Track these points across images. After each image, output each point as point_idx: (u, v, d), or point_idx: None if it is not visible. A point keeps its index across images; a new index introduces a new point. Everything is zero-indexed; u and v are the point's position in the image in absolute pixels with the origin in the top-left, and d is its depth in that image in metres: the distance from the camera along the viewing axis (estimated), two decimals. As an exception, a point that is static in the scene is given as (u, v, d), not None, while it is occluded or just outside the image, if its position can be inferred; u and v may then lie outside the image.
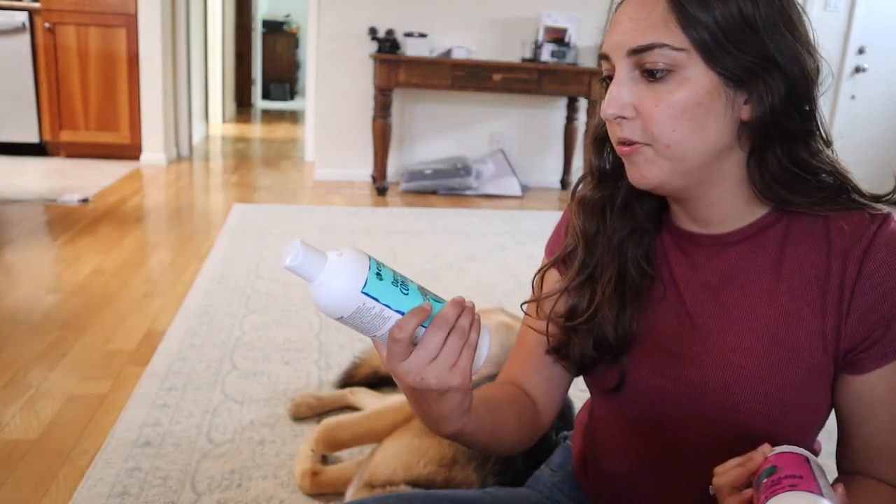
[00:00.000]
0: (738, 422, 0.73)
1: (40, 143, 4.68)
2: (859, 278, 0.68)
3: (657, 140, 0.69)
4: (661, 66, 0.67)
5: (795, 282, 0.71)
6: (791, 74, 0.69)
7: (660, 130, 0.68)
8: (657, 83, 0.68)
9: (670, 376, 0.76)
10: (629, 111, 0.69)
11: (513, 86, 4.27)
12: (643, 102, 0.68)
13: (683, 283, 0.78)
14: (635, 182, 0.73)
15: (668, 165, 0.70)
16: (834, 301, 0.69)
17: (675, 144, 0.69)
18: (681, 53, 0.66)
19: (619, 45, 0.69)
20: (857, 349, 0.69)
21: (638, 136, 0.70)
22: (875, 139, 5.13)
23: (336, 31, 4.50)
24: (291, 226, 3.46)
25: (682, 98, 0.67)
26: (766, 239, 0.73)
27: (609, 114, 0.70)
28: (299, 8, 9.36)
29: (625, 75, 0.69)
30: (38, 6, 4.43)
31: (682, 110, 0.68)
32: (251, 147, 6.22)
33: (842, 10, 4.91)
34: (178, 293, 2.45)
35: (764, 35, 0.67)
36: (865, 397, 0.71)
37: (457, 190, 4.54)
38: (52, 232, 3.12)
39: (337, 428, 1.44)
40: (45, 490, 1.38)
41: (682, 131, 0.68)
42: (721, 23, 0.66)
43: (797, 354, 0.70)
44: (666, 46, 0.66)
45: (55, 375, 1.83)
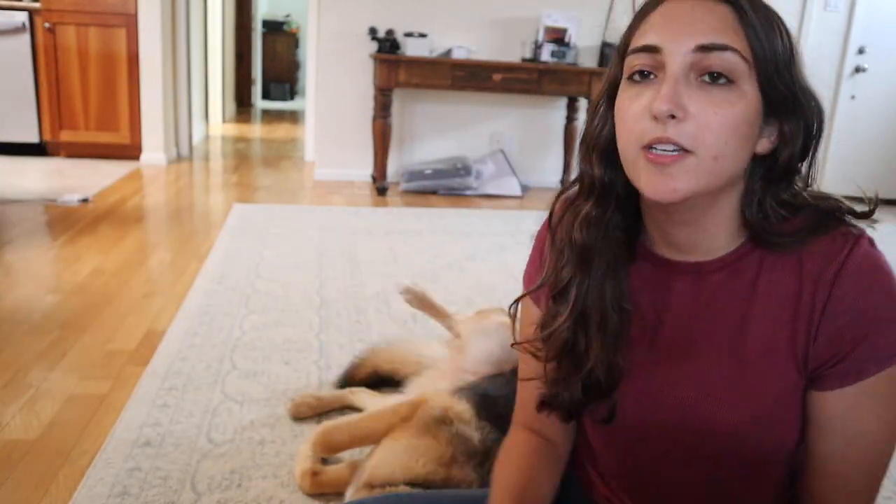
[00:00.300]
0: (718, 443, 0.74)
1: (40, 143, 4.68)
2: (829, 302, 0.68)
3: (707, 149, 0.65)
4: (725, 72, 0.65)
5: (769, 306, 0.72)
6: (810, 115, 0.70)
7: (713, 139, 0.65)
8: (717, 90, 0.65)
9: (655, 403, 0.77)
10: (682, 112, 0.65)
11: (513, 86, 4.27)
12: (701, 107, 0.65)
13: (663, 311, 0.77)
14: (659, 195, 0.67)
15: (705, 180, 0.67)
16: (804, 323, 0.70)
17: (722, 158, 0.66)
18: (744, 64, 0.65)
19: (684, 38, 0.66)
20: (821, 368, 0.70)
21: (685, 141, 0.65)
22: (875, 139, 5.13)
23: (336, 31, 4.50)
24: (291, 226, 3.46)
25: (741, 111, 0.66)
26: (744, 265, 0.73)
27: (664, 109, 0.64)
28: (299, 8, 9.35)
29: (681, 72, 0.66)
30: (38, 6, 4.43)
31: (737, 124, 0.66)
32: (251, 147, 6.22)
33: (842, 10, 4.91)
34: (178, 293, 2.45)
35: (797, 72, 0.68)
36: (824, 414, 0.71)
37: (457, 190, 4.54)
38: (52, 232, 3.13)
39: (334, 430, 1.44)
40: (45, 490, 1.38)
41: (732, 146, 0.66)
42: (777, 46, 0.67)
43: (772, 376, 0.71)
44: (737, 52, 0.65)
45: (55, 375, 1.83)
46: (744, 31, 0.66)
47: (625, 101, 0.70)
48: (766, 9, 0.69)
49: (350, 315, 2.35)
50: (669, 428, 0.76)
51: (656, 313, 0.78)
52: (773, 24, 0.68)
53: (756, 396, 0.71)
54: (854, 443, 0.70)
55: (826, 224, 0.71)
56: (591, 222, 0.75)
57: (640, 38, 0.69)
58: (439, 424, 1.27)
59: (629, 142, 0.69)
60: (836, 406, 0.70)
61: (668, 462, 0.79)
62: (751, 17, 0.66)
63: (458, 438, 1.25)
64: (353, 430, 1.43)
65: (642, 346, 0.78)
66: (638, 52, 0.68)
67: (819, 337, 0.69)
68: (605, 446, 0.86)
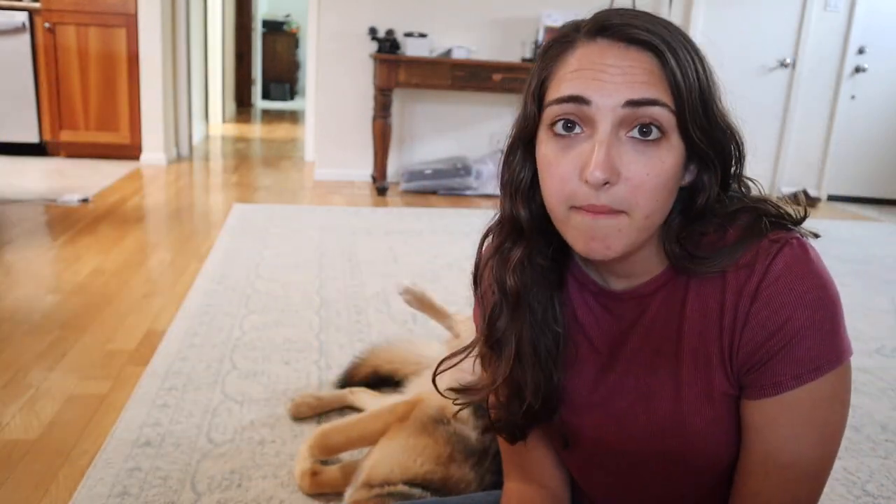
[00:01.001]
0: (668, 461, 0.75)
1: (40, 143, 4.68)
2: (749, 314, 0.66)
3: (640, 210, 0.64)
4: (656, 125, 0.63)
5: (697, 322, 0.71)
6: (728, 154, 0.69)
7: (646, 201, 0.64)
8: (647, 147, 0.63)
9: (604, 429, 0.77)
10: (616, 176, 0.63)
11: (513, 86, 4.27)
12: (634, 169, 0.63)
13: (600, 336, 0.77)
14: (593, 253, 0.66)
15: (636, 236, 0.66)
16: (728, 335, 0.68)
17: (653, 214, 0.65)
18: (671, 115, 0.64)
19: (614, 92, 0.62)
20: (744, 377, 0.69)
21: (618, 205, 0.63)
22: (875, 139, 5.12)
23: (336, 31, 4.50)
24: (291, 226, 3.46)
25: (670, 166, 0.64)
26: (675, 286, 0.72)
27: (599, 178, 0.61)
28: (299, 8, 9.36)
29: (611, 133, 0.63)
30: (38, 6, 4.43)
31: (667, 180, 0.65)
32: (251, 147, 6.22)
33: (842, 10, 4.91)
34: (178, 293, 2.45)
35: (716, 109, 0.66)
36: (746, 424, 0.70)
37: (457, 190, 4.54)
38: (52, 232, 3.13)
39: (330, 433, 1.44)
40: (45, 490, 1.38)
41: (662, 201, 0.65)
42: (699, 86, 0.65)
43: (707, 393, 0.71)
44: (666, 106, 0.63)
45: (55, 375, 1.83)
46: (667, 80, 0.63)
47: (549, 156, 0.66)
48: (685, 45, 0.65)
49: (350, 315, 2.35)
50: (625, 449, 0.77)
51: (601, 339, 0.77)
52: (693, 62, 0.65)
53: (695, 413, 0.71)
54: (773, 459, 0.67)
55: (753, 235, 0.68)
56: (524, 264, 0.74)
57: (560, 83, 0.66)
58: (436, 423, 1.28)
59: (558, 201, 0.66)
60: (756, 417, 0.68)
61: (630, 479, 0.80)
62: (672, 66, 0.63)
63: (456, 437, 1.25)
64: (350, 431, 1.43)
65: (582, 371, 0.78)
66: (563, 101, 0.64)
67: (741, 348, 0.67)
68: (575, 469, 0.88)
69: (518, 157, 0.73)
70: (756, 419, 0.68)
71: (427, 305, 1.85)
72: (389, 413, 1.37)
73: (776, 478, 0.68)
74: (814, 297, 0.64)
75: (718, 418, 0.71)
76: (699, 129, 0.65)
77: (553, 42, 0.69)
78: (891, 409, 1.90)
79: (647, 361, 0.74)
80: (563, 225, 0.68)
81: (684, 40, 0.66)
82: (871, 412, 1.87)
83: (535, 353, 0.75)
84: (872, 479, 1.57)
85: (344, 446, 1.45)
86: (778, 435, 0.67)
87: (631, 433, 0.75)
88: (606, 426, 0.77)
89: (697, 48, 0.67)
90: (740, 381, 0.69)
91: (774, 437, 0.67)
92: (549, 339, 0.75)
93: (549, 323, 0.75)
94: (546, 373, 0.76)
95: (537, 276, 0.74)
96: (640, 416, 0.74)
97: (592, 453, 0.81)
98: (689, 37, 0.67)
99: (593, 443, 0.79)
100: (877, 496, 1.50)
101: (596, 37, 0.65)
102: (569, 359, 0.78)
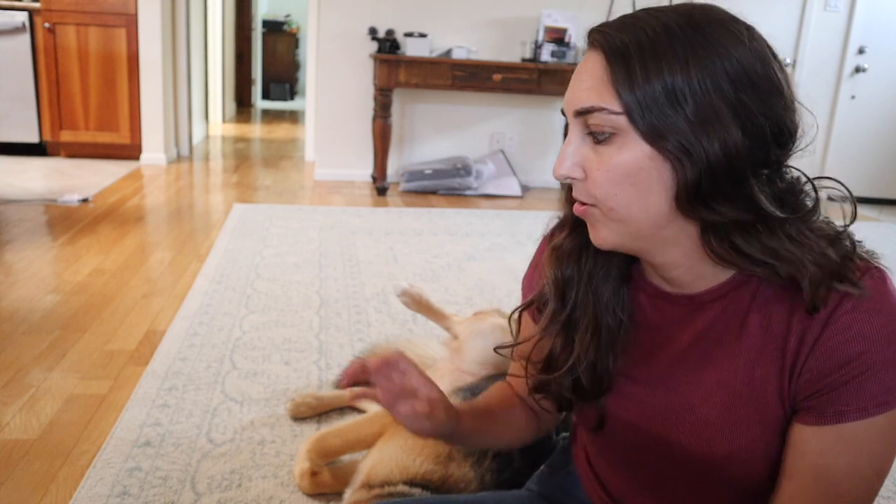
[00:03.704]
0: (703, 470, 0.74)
1: (40, 143, 4.68)
2: (818, 341, 0.65)
3: (600, 202, 0.69)
4: (604, 129, 0.66)
5: (759, 335, 0.70)
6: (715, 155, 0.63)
7: (601, 193, 0.68)
8: (601, 146, 0.67)
9: (647, 424, 0.78)
10: (578, 172, 0.70)
11: (513, 86, 4.27)
12: (588, 164, 0.69)
13: (660, 337, 0.78)
14: (594, 242, 0.73)
15: (617, 228, 0.70)
16: (791, 358, 0.68)
17: (617, 208, 0.68)
18: (619, 117, 0.65)
19: (568, 105, 0.70)
20: (802, 402, 0.68)
21: (584, 198, 0.70)
22: (875, 139, 5.12)
23: (336, 31, 4.50)
24: (291, 226, 3.46)
25: (622, 162, 0.66)
26: (739, 297, 0.72)
27: (559, 174, 0.70)
28: (299, 8, 9.36)
29: (576, 135, 0.70)
30: (38, 6, 4.43)
31: (622, 175, 0.67)
32: (251, 147, 6.22)
33: (842, 10, 4.91)
34: (178, 293, 2.45)
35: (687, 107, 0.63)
36: (797, 448, 0.68)
37: (457, 190, 4.54)
38: (52, 232, 3.13)
39: (328, 436, 1.44)
40: (45, 490, 1.38)
41: (626, 196, 0.67)
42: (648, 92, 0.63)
43: (761, 407, 0.70)
44: (605, 110, 0.66)
45: (55, 375, 1.83)
46: (611, 83, 0.65)
47: None
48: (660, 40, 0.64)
49: (350, 315, 2.35)
50: (661, 448, 0.77)
51: (653, 338, 0.78)
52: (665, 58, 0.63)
53: (742, 428, 0.71)
54: (822, 485, 0.67)
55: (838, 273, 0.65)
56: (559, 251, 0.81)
57: None
58: None
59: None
60: (810, 443, 0.67)
61: (663, 478, 0.80)
62: (619, 67, 0.64)
63: None
64: (347, 434, 1.43)
65: (637, 363, 0.79)
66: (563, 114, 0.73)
67: (804, 373, 0.67)
68: (598, 452, 0.88)
69: None
70: (810, 445, 0.67)
71: (425, 307, 1.85)
72: (386, 414, 1.37)
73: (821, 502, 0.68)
74: (892, 332, 0.64)
75: (764, 434, 0.70)
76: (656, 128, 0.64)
77: None
78: (891, 409, 1.90)
79: (697, 366, 0.74)
80: None
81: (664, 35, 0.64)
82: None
83: (597, 332, 0.78)
84: (872, 479, 1.56)
85: (341, 450, 1.45)
86: (831, 463, 0.66)
87: (670, 433, 0.75)
88: (648, 419, 0.77)
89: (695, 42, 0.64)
90: (795, 404, 0.69)
91: (826, 465, 0.67)
92: (612, 323, 0.79)
93: (615, 309, 0.79)
94: (603, 353, 0.78)
95: (607, 263, 0.79)
96: (685, 417, 0.74)
97: (620, 445, 0.82)
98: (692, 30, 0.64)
99: (625, 435, 0.80)
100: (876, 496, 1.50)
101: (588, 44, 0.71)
102: (625, 348, 0.80)
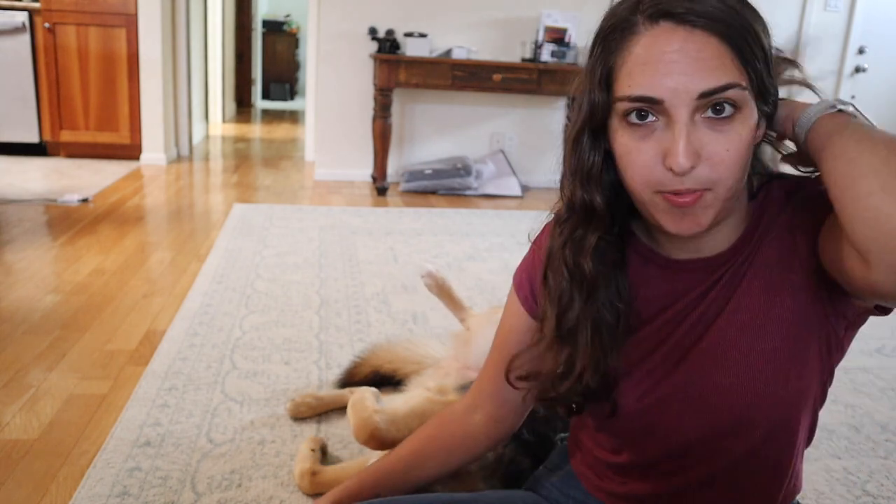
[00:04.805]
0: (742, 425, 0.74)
1: (40, 143, 4.68)
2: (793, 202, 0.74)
3: (722, 184, 0.67)
4: (735, 104, 0.65)
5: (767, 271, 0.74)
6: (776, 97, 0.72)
7: (728, 174, 0.66)
8: (723, 124, 0.65)
9: (663, 394, 0.77)
10: (698, 159, 0.66)
11: (513, 86, 4.27)
12: (713, 148, 0.65)
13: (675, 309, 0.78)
14: (684, 231, 0.69)
15: (721, 206, 0.68)
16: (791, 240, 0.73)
17: (735, 183, 0.68)
18: (745, 92, 0.66)
19: (684, 89, 0.64)
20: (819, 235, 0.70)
21: (702, 183, 0.66)
22: (875, 139, 5.12)
23: (336, 31, 4.50)
24: (291, 226, 3.46)
25: (746, 137, 0.67)
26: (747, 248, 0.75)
27: (685, 166, 0.64)
28: (299, 8, 9.35)
29: (688, 121, 0.65)
30: (38, 6, 4.43)
31: (746, 150, 0.67)
32: (251, 147, 6.22)
33: (842, 10, 4.91)
34: (178, 293, 2.45)
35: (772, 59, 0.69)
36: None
37: (457, 190, 4.54)
38: (52, 232, 3.12)
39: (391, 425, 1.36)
40: (45, 490, 1.38)
41: (742, 170, 0.68)
42: (764, 51, 0.67)
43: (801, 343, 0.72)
44: (738, 86, 0.65)
45: (55, 375, 1.83)
46: (739, 59, 0.66)
47: (629, 145, 0.69)
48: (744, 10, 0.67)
49: (350, 315, 2.35)
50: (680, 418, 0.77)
51: (664, 312, 0.78)
52: (755, 25, 0.67)
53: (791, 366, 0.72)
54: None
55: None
56: (599, 248, 0.75)
57: (629, 75, 0.67)
58: None
59: (643, 186, 0.69)
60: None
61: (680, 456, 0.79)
62: (741, 43, 0.65)
63: None
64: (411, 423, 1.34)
65: (643, 342, 0.79)
66: (636, 100, 0.67)
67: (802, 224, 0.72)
68: (608, 442, 0.87)
69: (586, 143, 0.74)
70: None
71: (446, 293, 1.82)
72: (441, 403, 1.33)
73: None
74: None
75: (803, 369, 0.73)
76: (770, 87, 0.69)
77: (613, 26, 0.69)
78: (891, 409, 1.90)
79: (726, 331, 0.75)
80: (649, 207, 0.70)
81: (742, 9, 0.67)
82: (870, 412, 1.87)
83: (598, 334, 0.76)
84: (872, 478, 1.57)
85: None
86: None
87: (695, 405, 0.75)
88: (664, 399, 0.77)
89: (753, 7, 0.68)
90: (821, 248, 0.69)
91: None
92: (611, 318, 0.77)
93: (613, 301, 0.77)
94: (605, 352, 0.77)
95: (608, 258, 0.77)
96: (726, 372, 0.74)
97: (634, 427, 0.81)
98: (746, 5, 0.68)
99: (640, 417, 0.79)
100: (877, 496, 1.50)
101: (659, 20, 0.66)
102: (629, 334, 0.79)
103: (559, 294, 0.77)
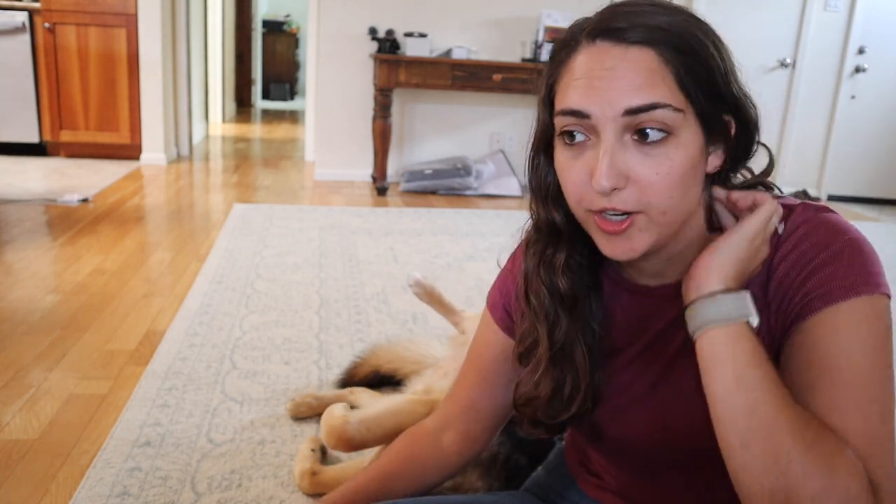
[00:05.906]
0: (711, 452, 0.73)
1: (40, 143, 4.68)
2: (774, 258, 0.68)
3: (653, 208, 0.65)
4: (663, 127, 0.63)
5: None
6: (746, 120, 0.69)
7: (657, 198, 0.64)
8: (652, 147, 0.63)
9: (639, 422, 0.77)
10: (622, 181, 0.64)
11: (513, 86, 4.27)
12: (640, 170, 0.63)
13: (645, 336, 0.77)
14: (618, 254, 0.67)
15: (657, 231, 0.66)
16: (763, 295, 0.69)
17: (670, 210, 0.65)
18: (679, 114, 0.63)
19: (610, 103, 0.63)
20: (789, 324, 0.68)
21: (631, 206, 0.64)
22: (875, 139, 5.12)
23: (336, 31, 4.50)
24: (291, 226, 3.46)
25: (680, 163, 0.64)
26: None
27: (605, 186, 0.63)
28: (299, 8, 9.36)
29: (615, 140, 0.63)
30: (38, 6, 4.43)
31: (680, 175, 0.64)
32: (251, 147, 6.22)
33: (842, 10, 4.91)
34: (178, 293, 2.45)
35: (735, 87, 0.67)
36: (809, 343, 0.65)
37: (457, 190, 4.54)
38: (52, 232, 3.13)
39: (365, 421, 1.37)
40: (45, 490, 1.38)
41: (678, 196, 0.65)
42: (712, 70, 0.65)
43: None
44: (668, 107, 0.62)
45: (55, 375, 1.83)
46: (672, 76, 0.63)
47: (563, 163, 0.68)
48: (692, 29, 0.65)
49: (350, 315, 2.35)
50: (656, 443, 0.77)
51: (638, 338, 0.77)
52: (704, 46, 0.65)
53: None
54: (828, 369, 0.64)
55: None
56: (569, 265, 0.75)
57: (564, 91, 0.67)
58: None
59: (577, 204, 0.68)
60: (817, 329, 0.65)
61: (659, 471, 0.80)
62: (676, 59, 0.63)
63: None
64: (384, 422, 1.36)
65: (619, 369, 0.78)
66: (565, 114, 0.66)
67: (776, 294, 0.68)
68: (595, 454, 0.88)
69: (542, 162, 0.74)
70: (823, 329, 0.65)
71: (436, 300, 1.83)
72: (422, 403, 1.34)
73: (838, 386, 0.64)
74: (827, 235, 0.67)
75: None
76: (719, 111, 0.66)
77: (559, 45, 0.69)
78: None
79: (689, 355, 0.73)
80: (586, 226, 0.70)
81: (693, 24, 0.65)
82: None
83: (591, 352, 0.76)
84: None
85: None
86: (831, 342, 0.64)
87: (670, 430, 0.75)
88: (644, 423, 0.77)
89: (710, 29, 0.67)
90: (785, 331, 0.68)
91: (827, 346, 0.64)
92: (591, 340, 0.76)
93: (589, 322, 0.76)
94: (593, 371, 0.77)
95: (577, 276, 0.76)
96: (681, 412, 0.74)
97: (616, 447, 0.81)
98: (699, 18, 0.66)
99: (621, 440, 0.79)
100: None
101: (596, 39, 0.65)
102: (605, 356, 0.78)
103: (545, 312, 0.76)
